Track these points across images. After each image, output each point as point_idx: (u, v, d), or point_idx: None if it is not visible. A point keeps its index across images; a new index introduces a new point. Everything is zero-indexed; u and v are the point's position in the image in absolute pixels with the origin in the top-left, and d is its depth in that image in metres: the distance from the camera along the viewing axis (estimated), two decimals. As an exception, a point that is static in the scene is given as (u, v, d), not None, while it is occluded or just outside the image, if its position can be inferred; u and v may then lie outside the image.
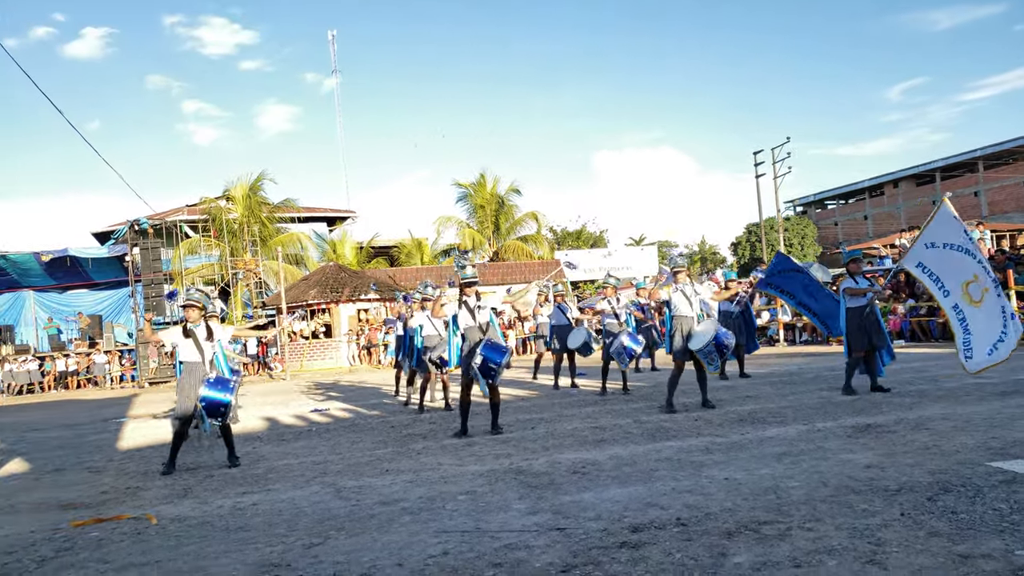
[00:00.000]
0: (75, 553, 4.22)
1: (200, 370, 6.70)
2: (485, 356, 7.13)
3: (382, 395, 13.39)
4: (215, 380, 6.59)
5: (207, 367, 6.74)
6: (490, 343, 7.26)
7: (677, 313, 8.23)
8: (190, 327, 6.69)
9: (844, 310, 8.54)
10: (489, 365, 7.16)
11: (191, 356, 6.74)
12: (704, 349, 7.91)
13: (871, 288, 8.48)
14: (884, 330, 8.65)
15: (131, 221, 26.25)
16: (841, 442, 5.69)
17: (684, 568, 3.19)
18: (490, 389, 7.40)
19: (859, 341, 8.40)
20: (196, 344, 6.71)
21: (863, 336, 8.38)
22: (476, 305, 7.42)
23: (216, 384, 6.56)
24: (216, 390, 6.53)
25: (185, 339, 6.71)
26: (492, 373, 7.22)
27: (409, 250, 39.40)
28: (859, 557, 3.15)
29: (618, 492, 4.64)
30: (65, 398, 23.25)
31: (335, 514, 4.64)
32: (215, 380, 6.59)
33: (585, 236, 50.76)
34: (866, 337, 8.38)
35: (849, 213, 52.08)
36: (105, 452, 8.62)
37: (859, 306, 8.42)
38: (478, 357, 7.12)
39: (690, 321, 8.18)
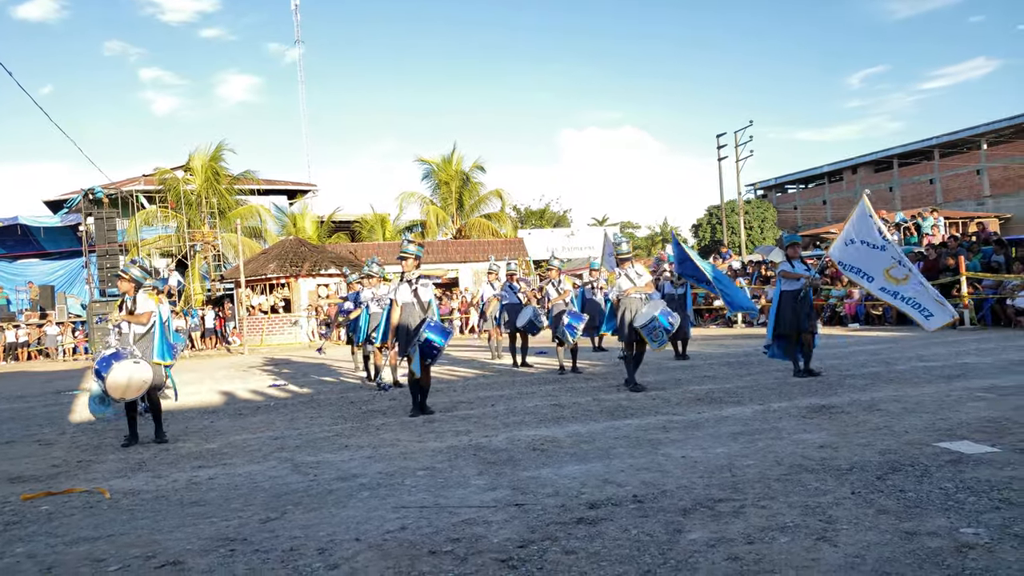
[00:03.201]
0: (24, 527, 4.11)
1: (125, 343, 6.52)
2: (428, 337, 7.03)
3: (341, 371, 13.30)
4: (106, 356, 6.37)
5: (131, 339, 6.53)
6: (434, 324, 7.16)
7: (624, 296, 8.28)
8: (126, 299, 6.60)
9: (778, 292, 8.71)
10: (432, 346, 7.07)
11: (123, 328, 6.61)
12: (648, 326, 7.96)
13: (805, 273, 8.61)
14: (814, 317, 8.82)
15: (85, 190, 25.49)
16: (796, 422, 5.81)
17: (640, 544, 3.23)
18: (423, 370, 7.21)
19: (787, 323, 8.56)
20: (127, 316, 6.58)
21: (793, 319, 8.53)
22: (418, 282, 7.35)
23: (102, 360, 6.34)
24: (100, 364, 6.31)
25: (119, 312, 6.63)
26: (434, 353, 7.14)
27: (371, 225, 39.01)
28: (810, 534, 3.23)
29: (576, 469, 4.68)
30: (15, 370, 22.61)
31: (292, 489, 4.60)
32: (106, 356, 6.37)
33: (548, 216, 50.87)
34: (795, 320, 8.53)
35: (809, 198, 52.96)
36: (57, 425, 8.41)
37: (793, 290, 8.58)
38: (421, 336, 7.02)
39: (637, 302, 8.24)
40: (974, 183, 40.53)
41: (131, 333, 6.56)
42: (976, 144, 40.91)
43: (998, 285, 14.76)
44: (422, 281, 7.35)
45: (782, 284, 8.67)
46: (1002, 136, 39.56)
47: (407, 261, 7.35)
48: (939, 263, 16.00)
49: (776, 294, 8.78)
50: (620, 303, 8.30)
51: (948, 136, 41.39)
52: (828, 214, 48.55)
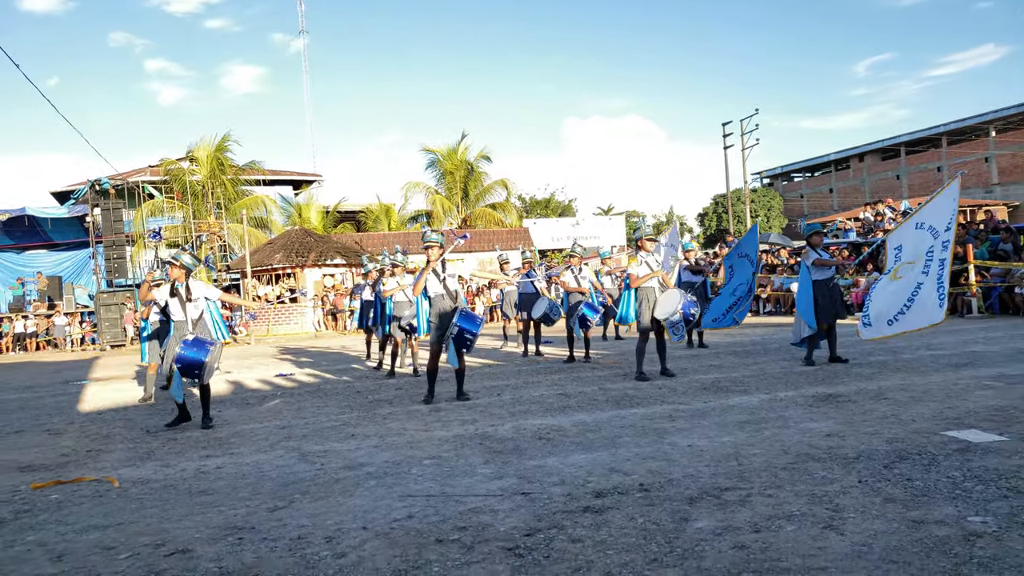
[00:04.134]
0: (34, 515, 4.15)
1: (184, 329, 6.67)
2: (461, 327, 7.13)
3: (348, 360, 13.33)
4: (192, 340, 6.54)
5: (190, 326, 6.70)
6: (465, 313, 7.25)
7: (641, 284, 8.25)
8: (177, 286, 6.72)
9: (809, 283, 8.61)
10: (465, 335, 7.16)
11: (177, 315, 6.74)
12: (671, 319, 7.97)
13: (837, 260, 8.60)
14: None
15: (92, 181, 25.51)
16: (802, 411, 5.80)
17: (646, 532, 3.24)
18: (459, 358, 7.38)
19: (826, 314, 8.51)
20: (181, 303, 6.71)
21: (831, 307, 8.50)
22: (444, 273, 7.39)
23: (192, 344, 6.51)
24: (191, 350, 6.47)
25: (172, 298, 6.74)
26: (467, 343, 7.22)
27: (377, 215, 38.99)
28: (817, 522, 3.23)
29: (582, 458, 4.68)
30: (24, 360, 22.75)
31: (300, 478, 4.62)
32: (192, 340, 6.54)
33: (554, 205, 50.75)
34: (833, 309, 8.51)
35: (815, 186, 52.74)
36: (66, 414, 8.46)
37: (825, 278, 8.52)
38: (454, 327, 7.12)
39: (654, 291, 8.22)
40: (982, 171, 40.28)
41: (188, 319, 6.70)
42: (984, 131, 40.64)
43: (1006, 273, 14.68)
44: (449, 271, 7.39)
45: (812, 274, 8.56)
46: (1011, 123, 39.28)
47: (433, 250, 7.35)
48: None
49: (806, 285, 8.61)
50: (638, 292, 8.27)
51: (956, 123, 41.13)
52: (835, 202, 48.36)
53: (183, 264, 6.78)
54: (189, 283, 6.80)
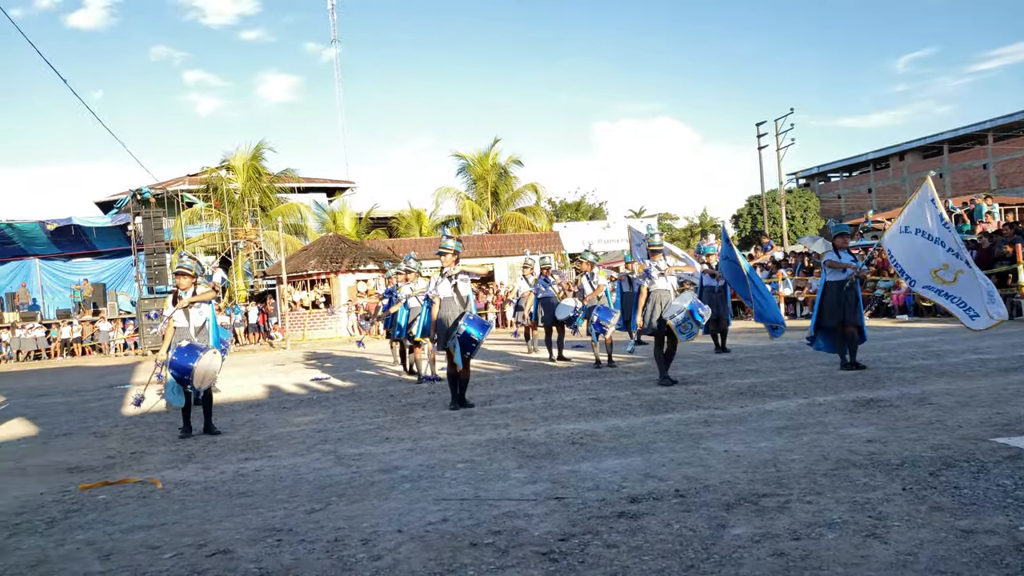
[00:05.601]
0: (83, 515, 4.25)
1: (185, 335, 6.75)
2: (467, 331, 7.11)
3: (381, 365, 13.44)
4: (185, 347, 6.58)
5: (192, 333, 6.77)
6: (473, 317, 7.25)
7: (654, 288, 8.18)
8: (180, 294, 6.80)
9: (823, 283, 8.54)
10: (471, 339, 7.14)
11: (180, 322, 6.83)
12: (678, 318, 7.85)
13: (852, 264, 8.42)
14: (861, 309, 8.59)
15: (133, 191, 26.15)
16: (842, 416, 5.70)
17: (683, 539, 3.20)
18: (463, 363, 7.31)
19: (831, 315, 8.39)
20: (184, 310, 6.81)
21: (838, 310, 8.35)
22: (457, 277, 7.39)
23: (184, 351, 6.54)
24: (182, 356, 6.51)
25: (174, 306, 6.84)
26: (472, 347, 7.20)
27: (408, 221, 39.27)
28: (859, 530, 3.16)
29: (616, 463, 4.66)
30: (71, 364, 23.37)
31: (336, 481, 4.67)
32: (185, 347, 6.58)
33: (584, 208, 50.60)
34: (840, 311, 8.35)
35: (853, 186, 51.80)
36: (111, 417, 8.67)
37: (838, 280, 8.39)
38: (460, 329, 7.10)
39: (667, 295, 8.14)
40: (1030, 168, 39.17)
41: (191, 327, 6.79)
42: (1032, 128, 39.51)
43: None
44: (461, 276, 7.40)
45: (827, 274, 8.50)
46: (1059, 119, 38.14)
47: (446, 256, 7.40)
48: (994, 252, 15.48)
49: (821, 285, 8.61)
50: (650, 296, 8.20)
51: (1003, 119, 40.02)
52: (874, 202, 47.40)
53: (189, 271, 6.84)
54: (197, 290, 6.88)
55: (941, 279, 7.88)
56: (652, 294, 8.16)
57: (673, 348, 8.25)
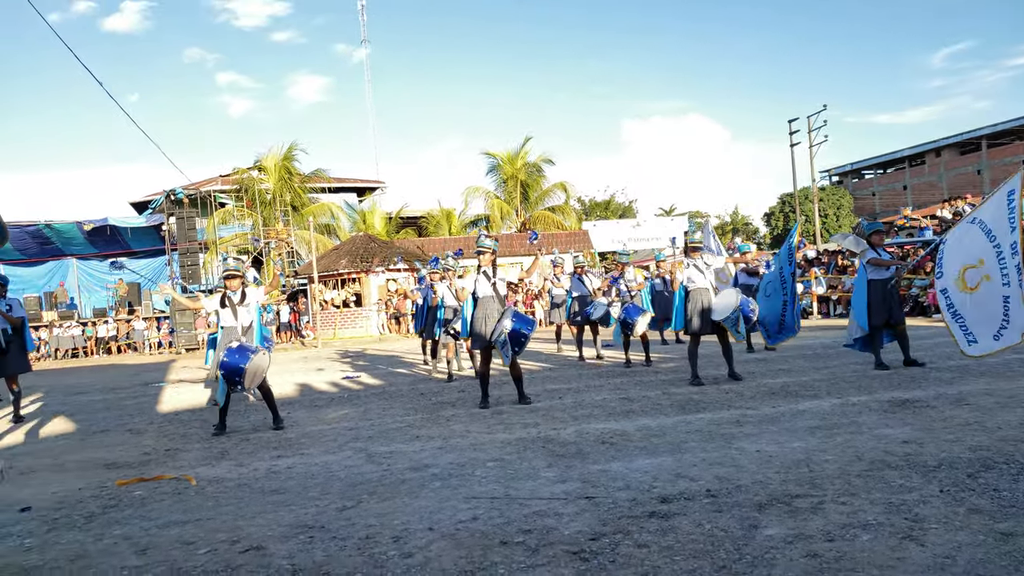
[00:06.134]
0: (120, 510, 4.35)
1: (233, 335, 6.85)
2: (516, 327, 7.13)
3: (411, 363, 13.52)
4: (236, 347, 6.65)
5: (239, 332, 6.88)
6: (516, 313, 7.26)
7: (693, 287, 8.12)
8: (229, 295, 6.90)
9: (865, 282, 8.38)
10: (520, 334, 7.16)
11: (228, 321, 6.94)
12: (731, 317, 7.82)
13: (895, 261, 8.29)
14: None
15: (167, 191, 26.64)
16: (877, 416, 5.60)
17: (714, 539, 3.18)
18: (512, 360, 7.30)
19: (880, 314, 8.24)
20: (232, 310, 6.91)
21: (886, 308, 8.22)
22: (495, 277, 7.40)
23: (235, 351, 6.62)
24: (233, 357, 6.58)
25: (223, 308, 6.94)
26: (522, 342, 7.22)
27: (438, 220, 39.41)
28: (895, 532, 3.11)
29: (647, 463, 4.63)
30: (107, 363, 23.87)
31: (367, 478, 4.71)
32: (236, 347, 6.65)
33: (614, 207, 50.34)
34: (888, 310, 8.22)
35: (888, 183, 50.88)
36: (146, 415, 8.84)
37: (882, 279, 8.25)
38: (508, 327, 7.12)
39: (707, 293, 8.08)
40: (1071, 164, 38.15)
41: (239, 326, 6.90)
42: (1074, 122, 38.46)
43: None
44: (500, 277, 7.43)
45: (869, 273, 8.33)
46: (1102, 113, 37.04)
47: (484, 255, 7.42)
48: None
49: (861, 284, 8.39)
50: (689, 295, 8.15)
51: (1044, 114, 38.97)
52: (909, 200, 46.47)
53: (236, 271, 6.98)
54: (246, 291, 6.98)
55: (964, 282, 7.52)
56: (692, 293, 8.12)
57: (728, 346, 8.21)
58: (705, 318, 8.00)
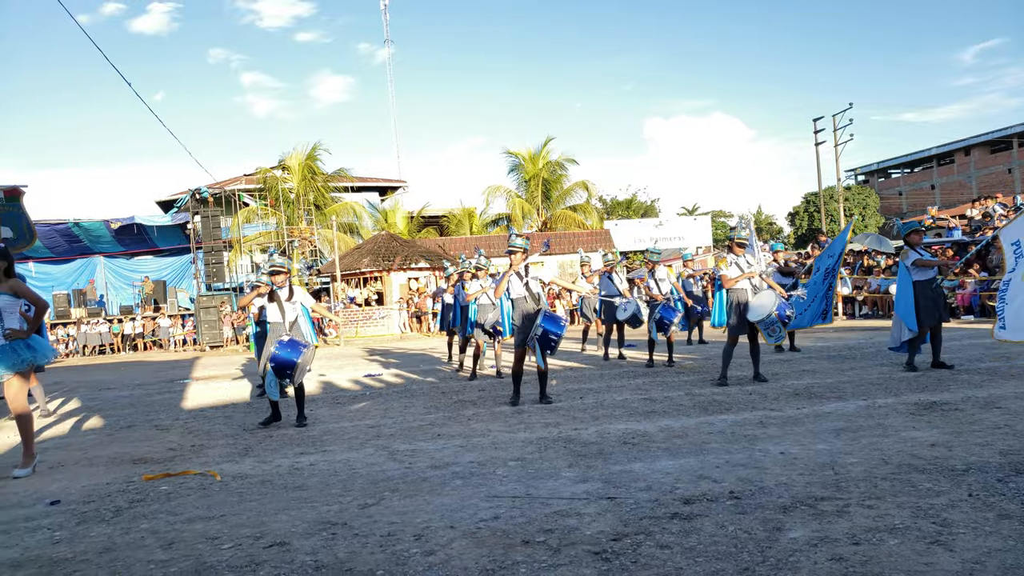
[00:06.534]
0: (147, 505, 4.40)
1: (280, 330, 6.97)
2: (545, 328, 7.16)
3: (432, 361, 13.56)
4: (287, 341, 6.83)
5: (287, 327, 6.99)
6: (548, 314, 7.27)
7: (733, 286, 8.05)
8: (275, 290, 7.03)
9: (910, 284, 8.21)
10: (549, 337, 7.18)
11: (275, 318, 7.07)
12: (766, 320, 7.75)
13: (939, 260, 8.16)
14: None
15: (192, 190, 26.97)
16: (903, 419, 5.52)
17: (738, 541, 3.15)
18: (543, 360, 7.40)
19: (929, 316, 8.08)
20: (279, 306, 7.02)
21: (934, 310, 8.08)
22: (527, 276, 7.41)
23: (287, 345, 6.79)
24: (285, 351, 6.75)
25: (270, 302, 7.06)
26: (552, 344, 7.23)
27: (459, 219, 39.48)
28: (923, 537, 3.06)
29: (669, 463, 4.61)
30: (133, 359, 24.21)
31: (389, 476, 4.73)
32: (287, 341, 6.83)
33: (636, 206, 50.11)
34: (937, 311, 8.09)
35: (915, 182, 50.11)
36: (171, 411, 8.95)
37: (927, 279, 8.10)
38: (538, 328, 7.14)
39: (745, 293, 8.01)
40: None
41: (286, 322, 7.03)
42: (1107, 120, 37.58)
43: None
44: (532, 274, 7.45)
45: (913, 274, 8.18)
46: None
47: (516, 255, 7.42)
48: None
49: (906, 286, 8.21)
50: (730, 294, 8.09)
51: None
52: (937, 199, 45.76)
53: (288, 269, 7.10)
54: (293, 288, 7.12)
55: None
56: (730, 292, 8.06)
57: (756, 347, 8.15)
58: (742, 318, 7.94)
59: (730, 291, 8.07)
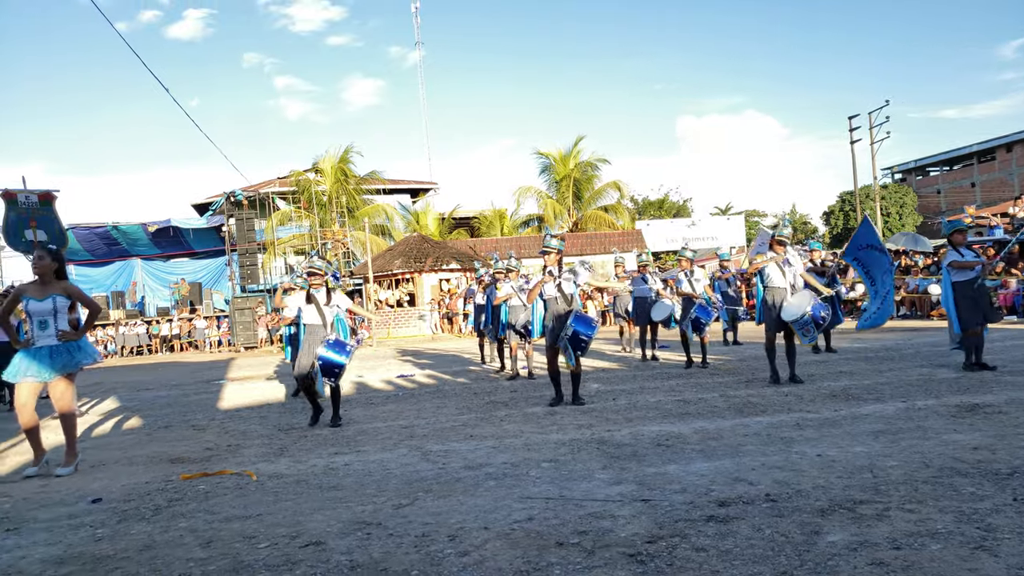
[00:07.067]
0: (185, 503, 4.48)
1: (321, 332, 7.05)
2: (576, 329, 7.14)
3: (464, 362, 13.60)
4: (334, 342, 6.93)
5: (327, 329, 7.07)
6: (580, 315, 7.25)
7: (770, 284, 7.95)
8: (312, 292, 7.12)
9: (949, 285, 8.04)
10: (580, 337, 7.16)
11: (313, 319, 7.13)
12: (800, 320, 7.64)
13: (979, 261, 7.96)
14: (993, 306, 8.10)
15: (227, 193, 27.42)
16: (945, 421, 5.40)
17: (775, 544, 3.11)
18: (575, 361, 7.39)
19: (973, 317, 7.90)
20: (318, 308, 7.08)
21: (977, 311, 7.89)
22: (560, 276, 7.40)
23: (334, 346, 6.90)
24: (334, 351, 6.87)
25: (308, 304, 7.13)
26: (583, 345, 7.21)
27: (490, 221, 39.56)
28: (966, 542, 2.99)
29: (704, 466, 4.56)
30: (170, 360, 24.68)
31: (422, 476, 4.75)
32: (334, 342, 6.93)
33: (668, 206, 49.76)
34: (979, 311, 7.90)
35: (954, 180, 48.99)
36: (207, 411, 9.10)
37: (967, 280, 7.91)
38: (569, 329, 7.13)
39: (783, 292, 7.90)
40: None
41: (326, 323, 7.12)
42: None
43: None
44: (565, 275, 7.44)
45: (952, 275, 8.02)
46: None
47: (550, 256, 7.42)
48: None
49: (947, 288, 8.09)
50: (766, 293, 7.99)
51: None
52: (977, 197, 44.71)
53: (324, 272, 7.18)
54: (330, 290, 7.20)
55: None
56: (767, 291, 7.97)
57: (792, 348, 8.03)
58: (777, 318, 7.84)
59: (767, 290, 7.97)
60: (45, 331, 5.58)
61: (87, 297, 5.97)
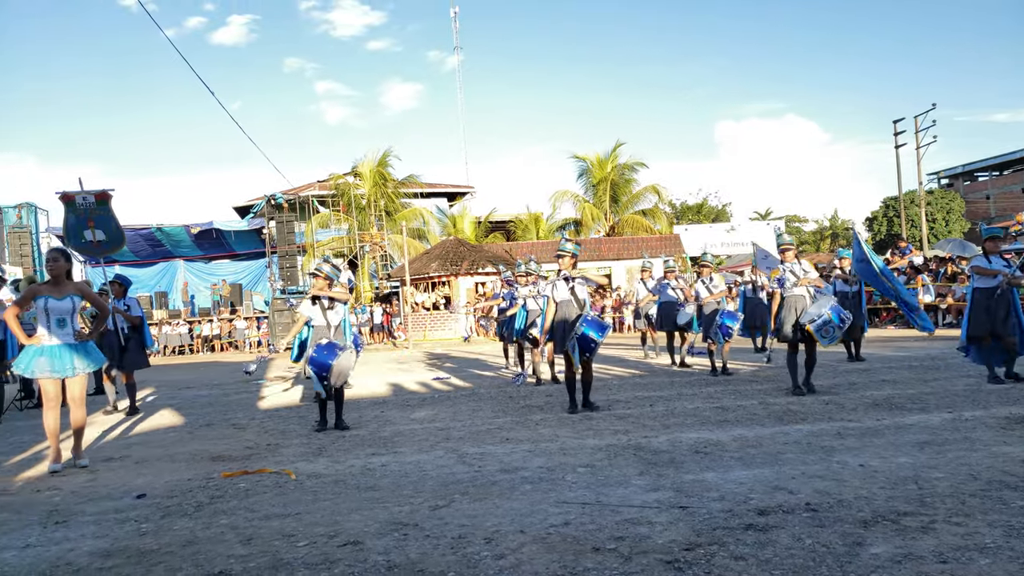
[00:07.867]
0: (226, 501, 4.57)
1: (323, 333, 7.11)
2: (585, 332, 7.08)
3: (498, 366, 13.62)
4: (325, 345, 6.91)
5: (331, 332, 7.12)
6: (590, 319, 7.20)
7: (789, 292, 7.81)
8: (318, 295, 7.17)
9: (971, 290, 7.93)
10: (589, 340, 7.10)
11: (318, 320, 7.19)
12: (819, 323, 7.46)
13: (1002, 270, 7.73)
14: (1021, 318, 7.80)
15: (268, 196, 27.90)
16: (993, 433, 5.25)
17: (815, 555, 3.06)
18: (583, 365, 7.30)
19: (980, 324, 7.72)
20: (322, 311, 7.15)
21: (986, 319, 7.68)
22: (574, 280, 7.36)
23: (324, 348, 6.88)
24: (321, 354, 6.85)
25: (313, 306, 7.19)
26: (592, 348, 7.16)
27: (526, 224, 39.59)
28: (1016, 557, 2.90)
29: (743, 474, 4.50)
30: (211, 360, 25.16)
31: (459, 479, 4.78)
32: (325, 345, 6.91)
33: (706, 210, 49.26)
34: (989, 321, 7.67)
35: (1004, 185, 47.61)
36: (247, 411, 9.26)
37: (988, 287, 7.73)
38: (578, 331, 7.08)
39: (802, 300, 7.75)
40: None
41: (331, 326, 7.18)
42: None
43: None
44: (579, 280, 7.40)
45: (975, 281, 7.89)
46: None
47: (564, 259, 7.41)
48: None
49: (969, 292, 8.02)
50: (784, 301, 7.86)
51: None
52: (1028, 203, 43.39)
53: (326, 274, 7.20)
54: (332, 292, 7.20)
55: None
56: (786, 299, 7.84)
57: (812, 355, 7.87)
58: (794, 324, 7.70)
59: (787, 299, 7.82)
60: (63, 329, 5.73)
61: (98, 298, 6.15)
